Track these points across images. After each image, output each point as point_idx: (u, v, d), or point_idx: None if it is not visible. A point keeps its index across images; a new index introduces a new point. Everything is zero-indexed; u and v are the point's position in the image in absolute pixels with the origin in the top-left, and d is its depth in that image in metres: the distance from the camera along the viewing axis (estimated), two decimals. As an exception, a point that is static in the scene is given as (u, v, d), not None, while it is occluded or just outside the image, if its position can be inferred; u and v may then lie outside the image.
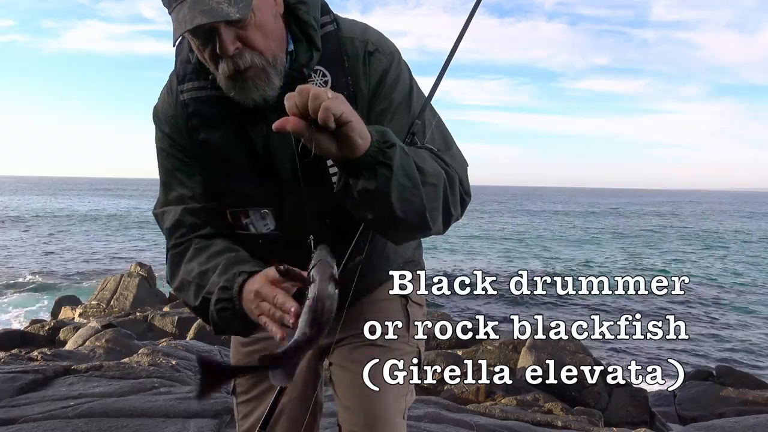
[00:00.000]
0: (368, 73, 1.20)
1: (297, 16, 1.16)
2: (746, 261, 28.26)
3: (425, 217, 1.09)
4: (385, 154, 0.99)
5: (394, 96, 1.21)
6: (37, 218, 43.51)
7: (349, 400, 1.34)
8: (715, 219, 63.35)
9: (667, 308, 15.88)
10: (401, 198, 1.03)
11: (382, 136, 1.00)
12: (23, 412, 3.22)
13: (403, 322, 1.41)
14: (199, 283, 1.18)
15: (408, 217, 1.07)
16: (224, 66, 1.07)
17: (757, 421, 4.01)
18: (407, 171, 1.03)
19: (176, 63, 1.25)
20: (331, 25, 1.21)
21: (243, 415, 1.45)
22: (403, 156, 1.03)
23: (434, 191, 1.10)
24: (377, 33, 1.25)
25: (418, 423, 3.52)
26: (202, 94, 1.20)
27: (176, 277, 1.25)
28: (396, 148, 1.01)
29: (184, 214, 1.26)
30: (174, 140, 1.25)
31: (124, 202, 72.80)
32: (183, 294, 1.23)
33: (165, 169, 1.28)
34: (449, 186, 1.14)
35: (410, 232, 1.18)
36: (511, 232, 40.90)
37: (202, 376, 0.93)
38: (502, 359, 7.70)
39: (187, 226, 1.26)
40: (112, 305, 12.06)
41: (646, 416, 6.46)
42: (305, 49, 1.16)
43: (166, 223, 1.29)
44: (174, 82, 1.24)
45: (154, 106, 1.30)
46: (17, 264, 21.54)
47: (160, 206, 1.31)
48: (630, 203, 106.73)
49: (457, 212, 1.20)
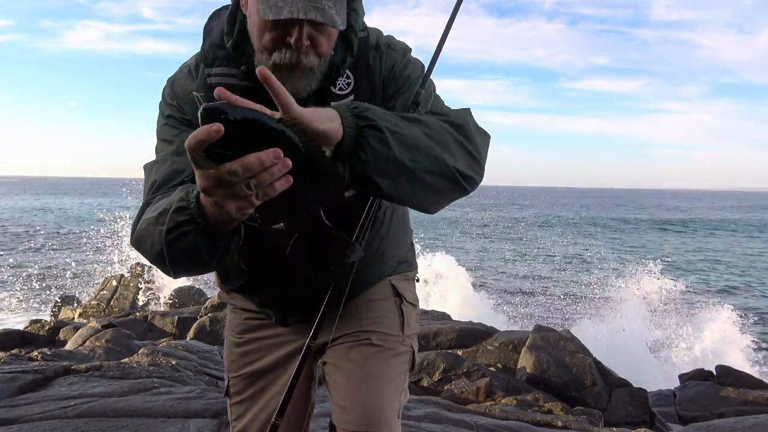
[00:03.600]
0: (381, 67, 1.26)
1: (347, 22, 1.18)
2: (749, 258, 28.30)
3: (440, 159, 1.08)
4: (364, 117, 1.00)
5: (406, 78, 1.26)
6: (37, 218, 43.49)
7: (344, 400, 1.33)
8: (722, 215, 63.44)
9: (668, 308, 15.88)
10: (405, 147, 1.03)
11: (349, 104, 1.01)
12: (23, 412, 3.22)
13: (398, 322, 1.41)
14: (156, 217, 1.03)
15: (423, 165, 1.05)
16: (283, 55, 1.08)
17: (757, 421, 4.01)
18: (394, 121, 1.04)
19: (204, 44, 1.24)
20: (364, 32, 1.26)
21: (236, 416, 1.45)
22: (385, 114, 1.04)
23: (442, 143, 1.09)
24: (389, 36, 1.33)
25: (418, 423, 3.52)
26: (231, 81, 1.20)
27: (135, 226, 1.12)
28: (371, 109, 1.02)
29: (184, 164, 1.14)
30: (185, 113, 1.23)
31: (124, 201, 72.76)
32: (142, 241, 1.08)
33: (169, 134, 1.22)
34: (456, 130, 1.14)
35: (443, 193, 1.13)
36: (510, 231, 40.90)
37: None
38: (502, 359, 7.70)
39: (181, 181, 1.14)
40: (112, 305, 12.06)
41: (646, 416, 6.46)
42: (341, 52, 1.20)
43: (155, 174, 1.17)
44: (200, 62, 1.24)
45: (169, 79, 1.28)
46: (17, 264, 21.54)
47: (153, 161, 1.22)
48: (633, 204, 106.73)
49: (480, 153, 1.17)
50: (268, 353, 1.42)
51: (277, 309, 1.39)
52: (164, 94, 1.27)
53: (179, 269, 1.07)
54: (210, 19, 1.26)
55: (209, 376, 4.90)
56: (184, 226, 0.96)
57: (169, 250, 1.01)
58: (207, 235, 0.95)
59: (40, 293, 16.30)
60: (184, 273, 1.11)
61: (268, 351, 1.42)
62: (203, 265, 1.05)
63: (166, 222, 0.98)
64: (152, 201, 1.12)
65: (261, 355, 1.43)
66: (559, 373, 6.95)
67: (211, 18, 1.26)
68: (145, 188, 1.19)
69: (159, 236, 1.01)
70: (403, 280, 1.47)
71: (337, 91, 1.21)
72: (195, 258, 1.00)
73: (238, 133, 0.78)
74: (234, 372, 1.45)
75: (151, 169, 1.20)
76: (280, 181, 0.83)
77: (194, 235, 0.95)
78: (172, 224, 0.97)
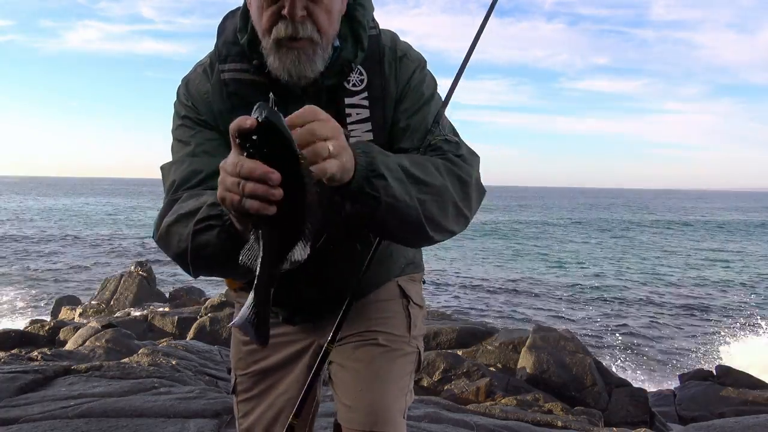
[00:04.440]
0: (397, 77, 1.26)
1: (353, 16, 1.22)
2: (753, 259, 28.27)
3: (426, 231, 1.12)
4: (372, 185, 1.01)
5: (420, 95, 1.27)
6: (37, 218, 43.52)
7: (350, 399, 1.34)
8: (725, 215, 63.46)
9: (667, 308, 15.89)
10: (395, 219, 1.06)
11: (370, 165, 1.01)
12: (23, 412, 3.22)
13: (405, 323, 1.42)
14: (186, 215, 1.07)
15: (405, 234, 1.12)
16: (282, 28, 1.10)
17: (757, 421, 4.01)
18: (401, 194, 1.05)
19: (218, 43, 1.26)
20: (374, 30, 1.27)
21: (243, 413, 1.45)
22: (398, 178, 1.05)
23: (439, 205, 1.12)
24: (406, 43, 1.32)
25: (418, 423, 3.52)
26: (244, 76, 1.21)
27: (161, 223, 1.13)
28: (385, 178, 1.02)
29: (201, 165, 1.17)
30: (200, 114, 1.24)
31: (124, 201, 72.85)
32: (170, 236, 1.10)
33: (185, 135, 1.24)
34: (460, 190, 1.16)
35: (414, 243, 1.19)
36: (510, 230, 40.94)
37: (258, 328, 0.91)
38: (502, 359, 7.70)
39: (199, 181, 1.16)
40: (112, 305, 12.07)
41: (646, 416, 6.46)
42: (351, 46, 1.21)
43: (173, 175, 1.20)
44: (214, 60, 1.26)
45: (183, 79, 1.30)
46: (17, 263, 21.55)
47: (171, 162, 1.24)
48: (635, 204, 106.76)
49: (472, 211, 1.22)
50: (275, 352, 1.43)
51: (285, 307, 1.40)
52: (179, 93, 1.28)
53: (199, 266, 1.10)
54: (224, 18, 1.29)
55: (209, 376, 4.91)
56: (212, 220, 1.02)
57: (193, 244, 1.05)
58: (230, 234, 1.00)
59: (40, 293, 16.31)
60: (204, 271, 1.13)
61: (275, 349, 1.43)
62: (220, 265, 1.08)
63: (197, 215, 1.04)
64: (177, 199, 1.15)
65: (268, 353, 1.43)
66: (559, 373, 6.95)
67: (225, 18, 1.29)
68: (165, 188, 1.22)
69: (188, 232, 1.06)
70: (410, 282, 1.48)
71: (351, 87, 1.22)
72: (214, 255, 1.04)
73: (262, 135, 0.83)
74: (241, 370, 1.46)
75: (169, 170, 1.22)
76: (260, 204, 0.83)
77: (219, 231, 1.01)
78: (203, 215, 1.03)
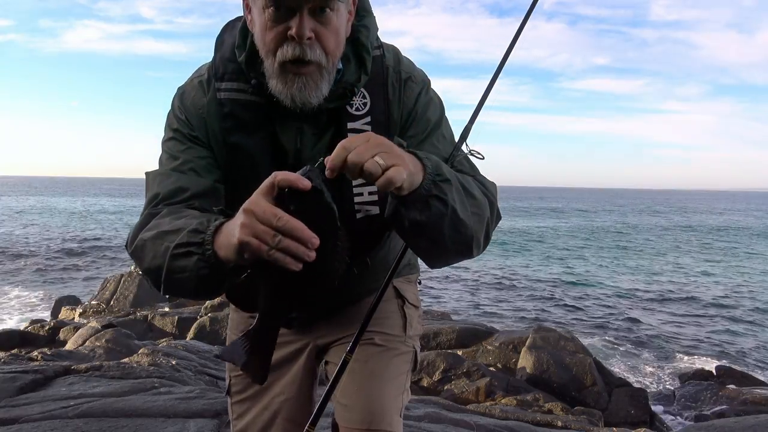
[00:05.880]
0: (401, 100, 1.23)
1: (356, 38, 1.18)
2: (749, 258, 28.28)
3: (471, 246, 1.09)
4: (440, 188, 0.99)
5: (426, 121, 1.24)
6: (37, 218, 43.53)
7: (347, 398, 1.34)
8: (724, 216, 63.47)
9: (667, 308, 15.89)
10: (453, 230, 1.03)
11: (436, 169, 1.00)
12: (23, 412, 3.22)
13: (400, 323, 1.43)
14: (165, 233, 1.03)
15: (456, 246, 1.07)
16: (289, 50, 1.05)
17: (757, 421, 4.00)
18: (460, 203, 1.03)
19: (215, 58, 1.22)
20: (378, 50, 1.23)
21: (237, 415, 1.45)
22: (457, 188, 1.03)
23: (480, 221, 1.10)
24: (409, 61, 1.29)
25: (418, 423, 3.52)
26: (241, 97, 1.18)
27: (137, 235, 1.09)
28: (450, 183, 1.01)
29: (187, 183, 1.14)
30: (192, 129, 1.20)
31: (124, 202, 72.83)
32: (143, 250, 1.06)
33: (174, 149, 1.20)
34: (491, 212, 1.14)
35: (453, 258, 1.15)
36: (511, 231, 40.94)
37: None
38: (502, 359, 7.70)
39: (182, 199, 1.12)
40: (112, 305, 12.07)
41: (646, 416, 6.47)
42: (354, 69, 1.18)
43: (157, 187, 1.15)
44: (212, 75, 1.21)
45: (179, 89, 1.25)
46: (17, 263, 21.55)
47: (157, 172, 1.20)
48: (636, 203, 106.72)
49: (491, 233, 1.19)
50: None
51: None
52: (173, 105, 1.24)
53: (171, 287, 1.07)
54: (223, 30, 1.24)
55: (209, 376, 4.90)
56: (192, 247, 0.98)
57: (168, 265, 1.01)
58: (208, 263, 0.97)
59: (40, 293, 16.30)
60: (173, 292, 1.10)
61: None
62: (192, 292, 1.05)
63: (178, 239, 1.00)
64: (156, 213, 1.11)
65: None
66: (559, 373, 6.96)
67: (224, 30, 1.24)
68: (147, 198, 1.17)
69: (164, 251, 1.02)
70: (406, 283, 1.49)
71: (354, 111, 1.20)
72: (189, 280, 1.00)
73: (311, 200, 0.86)
74: (236, 371, 1.45)
75: (154, 180, 1.18)
76: (291, 260, 0.85)
77: (198, 259, 0.97)
78: (183, 241, 0.99)
